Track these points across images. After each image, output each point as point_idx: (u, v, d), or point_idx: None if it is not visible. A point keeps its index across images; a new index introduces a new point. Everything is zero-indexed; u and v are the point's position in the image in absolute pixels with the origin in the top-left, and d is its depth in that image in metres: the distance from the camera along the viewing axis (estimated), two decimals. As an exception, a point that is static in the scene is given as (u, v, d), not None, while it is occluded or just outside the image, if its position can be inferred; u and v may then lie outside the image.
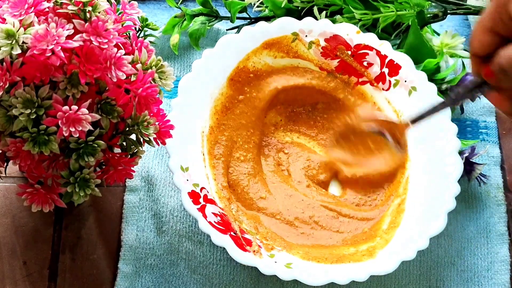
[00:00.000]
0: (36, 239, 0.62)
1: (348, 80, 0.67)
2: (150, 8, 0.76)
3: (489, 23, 0.42)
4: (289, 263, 0.56)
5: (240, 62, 0.65)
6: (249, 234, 0.58)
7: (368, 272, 0.55)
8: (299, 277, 0.54)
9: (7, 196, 0.64)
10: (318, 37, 0.66)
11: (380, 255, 0.57)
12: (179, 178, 0.57)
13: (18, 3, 0.44)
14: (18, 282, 0.60)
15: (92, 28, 0.45)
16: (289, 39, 0.66)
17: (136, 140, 0.50)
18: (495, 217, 0.66)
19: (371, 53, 0.65)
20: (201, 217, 0.55)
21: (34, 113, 0.44)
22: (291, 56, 0.67)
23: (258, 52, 0.66)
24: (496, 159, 0.69)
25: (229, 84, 0.65)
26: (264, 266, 0.55)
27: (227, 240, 0.55)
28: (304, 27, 0.66)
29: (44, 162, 0.48)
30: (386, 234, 0.59)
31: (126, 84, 0.47)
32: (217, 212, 0.58)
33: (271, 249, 0.58)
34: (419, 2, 0.68)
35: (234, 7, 0.72)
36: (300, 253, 0.58)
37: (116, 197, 0.65)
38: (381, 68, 0.65)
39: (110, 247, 0.63)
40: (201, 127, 0.63)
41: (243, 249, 0.55)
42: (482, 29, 0.43)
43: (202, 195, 0.58)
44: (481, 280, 0.63)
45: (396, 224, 0.59)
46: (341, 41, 0.66)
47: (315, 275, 0.55)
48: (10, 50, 0.42)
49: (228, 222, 0.58)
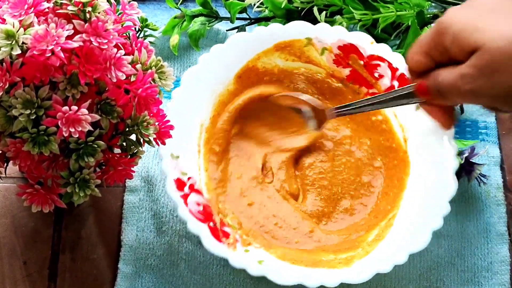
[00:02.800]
0: (36, 239, 0.62)
1: (358, 90, 0.66)
2: (150, 9, 0.76)
3: (425, 48, 0.47)
4: (261, 260, 0.56)
5: (249, 61, 0.65)
6: (230, 227, 0.58)
7: (339, 279, 0.54)
8: (268, 275, 0.54)
9: (7, 197, 0.64)
10: (331, 44, 0.65)
11: (356, 264, 0.57)
12: (167, 164, 0.57)
13: (18, 4, 0.44)
14: (18, 282, 0.60)
15: (92, 29, 0.45)
16: (302, 43, 0.66)
17: (136, 140, 0.50)
18: (495, 217, 0.66)
19: (383, 65, 0.64)
20: (182, 203, 0.56)
21: (34, 114, 0.44)
22: (303, 61, 0.67)
23: (269, 53, 0.66)
24: (496, 159, 0.69)
25: (236, 81, 0.65)
26: (235, 259, 0.54)
27: (203, 229, 0.55)
28: (318, 32, 0.65)
29: (44, 162, 0.48)
30: (368, 246, 0.59)
31: (126, 84, 0.47)
32: (201, 202, 0.58)
33: (248, 245, 0.57)
34: (419, 2, 0.68)
35: (234, 8, 0.72)
36: (277, 253, 0.58)
37: (116, 197, 0.65)
38: (391, 81, 0.64)
39: (110, 247, 0.63)
40: (201, 119, 0.63)
41: (218, 239, 0.55)
42: (419, 51, 0.48)
43: (188, 184, 0.58)
44: (481, 280, 0.63)
45: (380, 238, 0.59)
46: (355, 50, 0.65)
47: (285, 275, 0.55)
48: (10, 50, 0.42)
49: (209, 213, 0.58)
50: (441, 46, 0.45)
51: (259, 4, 0.74)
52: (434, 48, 0.46)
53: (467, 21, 0.43)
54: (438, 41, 0.46)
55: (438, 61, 0.47)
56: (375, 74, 0.65)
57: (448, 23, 0.44)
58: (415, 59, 0.49)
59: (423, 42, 0.48)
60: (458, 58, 0.45)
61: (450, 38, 0.44)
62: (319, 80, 0.67)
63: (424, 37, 0.48)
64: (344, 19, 0.69)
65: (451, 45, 0.44)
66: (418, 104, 0.56)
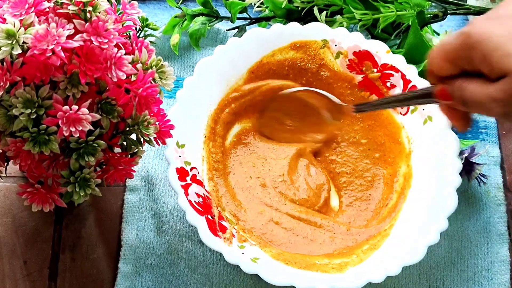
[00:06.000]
0: (36, 239, 0.62)
1: (367, 98, 0.67)
2: (150, 8, 0.76)
3: (451, 55, 0.45)
4: (256, 257, 0.56)
5: (264, 57, 0.65)
6: (227, 221, 0.58)
7: (331, 284, 0.54)
8: (261, 273, 0.54)
9: (8, 196, 0.64)
10: (347, 49, 0.65)
11: (350, 271, 0.57)
12: (171, 152, 0.57)
13: (18, 3, 0.44)
14: (18, 282, 0.60)
15: (93, 28, 0.45)
16: (318, 44, 0.66)
17: (136, 140, 0.50)
18: (495, 217, 0.66)
19: (396, 75, 0.64)
20: (182, 193, 0.56)
21: (34, 113, 0.44)
22: (317, 63, 0.67)
23: (285, 51, 0.66)
24: (496, 159, 0.69)
25: (248, 76, 0.65)
26: (230, 254, 0.54)
27: (200, 221, 0.55)
28: (335, 36, 0.65)
29: (44, 162, 0.48)
30: (363, 253, 0.59)
31: (127, 84, 0.47)
32: (201, 194, 0.58)
33: (244, 241, 0.58)
34: (419, 2, 0.68)
35: (234, 8, 0.72)
36: (272, 252, 0.58)
37: (116, 197, 0.65)
38: (402, 92, 0.64)
39: (110, 246, 0.63)
40: (209, 110, 0.63)
41: (214, 233, 0.55)
42: (444, 57, 0.46)
43: (191, 174, 0.58)
44: (481, 280, 0.63)
45: (376, 247, 0.59)
46: (369, 57, 0.65)
47: (277, 275, 0.54)
48: (11, 50, 0.43)
49: (209, 206, 0.58)
50: (468, 58, 0.44)
51: (259, 4, 0.74)
52: (460, 58, 0.45)
53: (498, 41, 0.42)
54: (465, 54, 0.44)
55: (463, 70, 0.46)
56: (387, 84, 0.65)
57: (477, 39, 0.43)
58: (438, 64, 0.47)
59: (447, 49, 0.46)
60: (486, 73, 0.43)
61: (480, 56, 0.43)
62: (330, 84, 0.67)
63: (449, 44, 0.45)
64: (345, 19, 0.69)
65: (480, 62, 0.43)
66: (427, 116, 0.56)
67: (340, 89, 0.67)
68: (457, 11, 0.71)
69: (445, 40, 0.46)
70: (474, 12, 0.71)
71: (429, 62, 0.48)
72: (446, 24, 0.75)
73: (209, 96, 0.63)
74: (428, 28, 0.71)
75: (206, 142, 0.62)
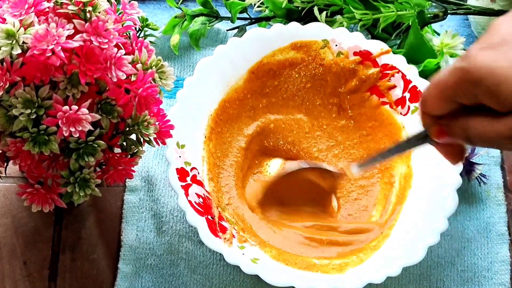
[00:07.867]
0: (36, 239, 0.62)
1: (368, 98, 0.66)
2: (150, 8, 0.76)
3: (449, 93, 0.41)
4: (256, 258, 0.56)
5: (264, 57, 0.65)
6: (227, 222, 0.58)
7: (331, 285, 0.54)
8: (261, 274, 0.54)
9: (7, 196, 0.64)
10: (348, 49, 0.65)
11: (350, 272, 0.57)
12: (171, 153, 0.57)
13: (18, 3, 0.44)
14: (18, 282, 0.60)
15: (92, 28, 0.45)
16: (318, 44, 0.66)
17: (136, 140, 0.50)
18: (495, 217, 0.66)
19: (397, 75, 0.64)
20: (183, 194, 0.56)
21: (34, 113, 0.44)
22: (317, 63, 0.67)
23: (285, 51, 0.66)
24: (496, 159, 0.68)
25: (249, 76, 0.65)
26: (230, 255, 0.54)
27: (200, 221, 0.55)
28: (336, 36, 0.65)
29: (44, 162, 0.48)
30: (364, 254, 0.59)
31: (126, 84, 0.47)
32: (202, 195, 0.58)
33: (244, 241, 0.57)
34: (420, 2, 0.68)
35: (234, 8, 0.72)
36: (272, 252, 0.58)
37: (116, 197, 0.65)
38: (403, 92, 0.64)
39: (110, 247, 0.63)
40: (209, 110, 0.63)
41: (215, 234, 0.55)
42: (439, 96, 0.42)
43: (191, 175, 0.58)
44: (481, 280, 0.63)
45: (376, 247, 0.59)
46: (370, 57, 0.65)
47: (278, 275, 0.54)
48: (10, 50, 0.42)
49: (209, 206, 0.58)
50: (471, 95, 0.40)
51: (259, 4, 0.74)
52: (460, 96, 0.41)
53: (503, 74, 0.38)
54: (467, 91, 0.40)
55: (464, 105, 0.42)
56: (387, 84, 0.65)
57: (479, 75, 0.39)
58: (433, 104, 0.43)
59: (443, 87, 0.42)
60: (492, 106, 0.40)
61: (485, 92, 0.39)
62: (330, 84, 0.67)
63: (445, 82, 0.41)
64: (345, 18, 0.69)
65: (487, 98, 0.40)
66: None
67: (340, 89, 0.67)
68: (457, 11, 0.71)
69: (437, 78, 0.42)
70: (474, 12, 0.71)
71: (422, 104, 0.44)
72: (446, 24, 0.75)
73: (209, 96, 0.63)
74: (429, 28, 0.71)
75: (206, 142, 0.62)
